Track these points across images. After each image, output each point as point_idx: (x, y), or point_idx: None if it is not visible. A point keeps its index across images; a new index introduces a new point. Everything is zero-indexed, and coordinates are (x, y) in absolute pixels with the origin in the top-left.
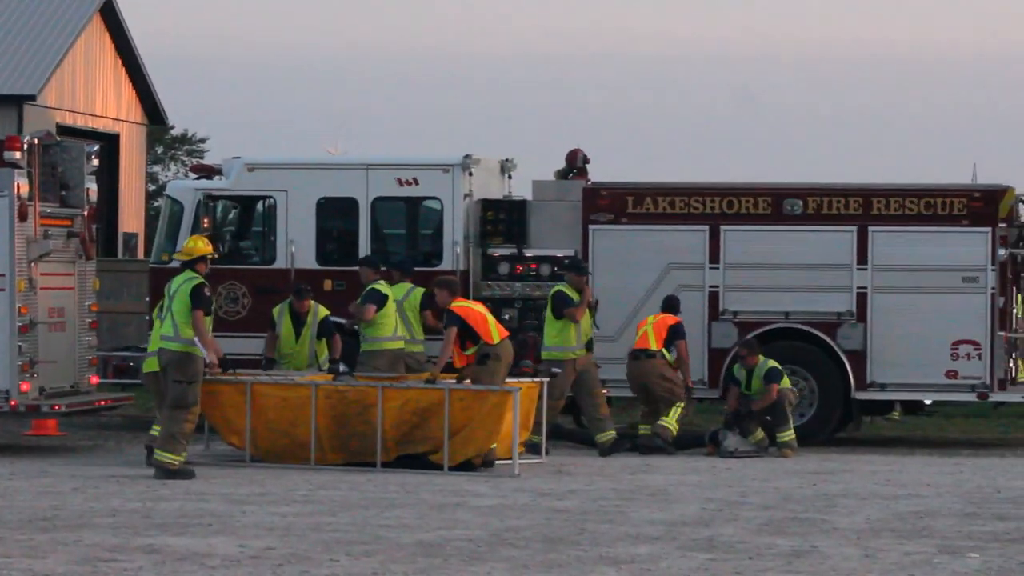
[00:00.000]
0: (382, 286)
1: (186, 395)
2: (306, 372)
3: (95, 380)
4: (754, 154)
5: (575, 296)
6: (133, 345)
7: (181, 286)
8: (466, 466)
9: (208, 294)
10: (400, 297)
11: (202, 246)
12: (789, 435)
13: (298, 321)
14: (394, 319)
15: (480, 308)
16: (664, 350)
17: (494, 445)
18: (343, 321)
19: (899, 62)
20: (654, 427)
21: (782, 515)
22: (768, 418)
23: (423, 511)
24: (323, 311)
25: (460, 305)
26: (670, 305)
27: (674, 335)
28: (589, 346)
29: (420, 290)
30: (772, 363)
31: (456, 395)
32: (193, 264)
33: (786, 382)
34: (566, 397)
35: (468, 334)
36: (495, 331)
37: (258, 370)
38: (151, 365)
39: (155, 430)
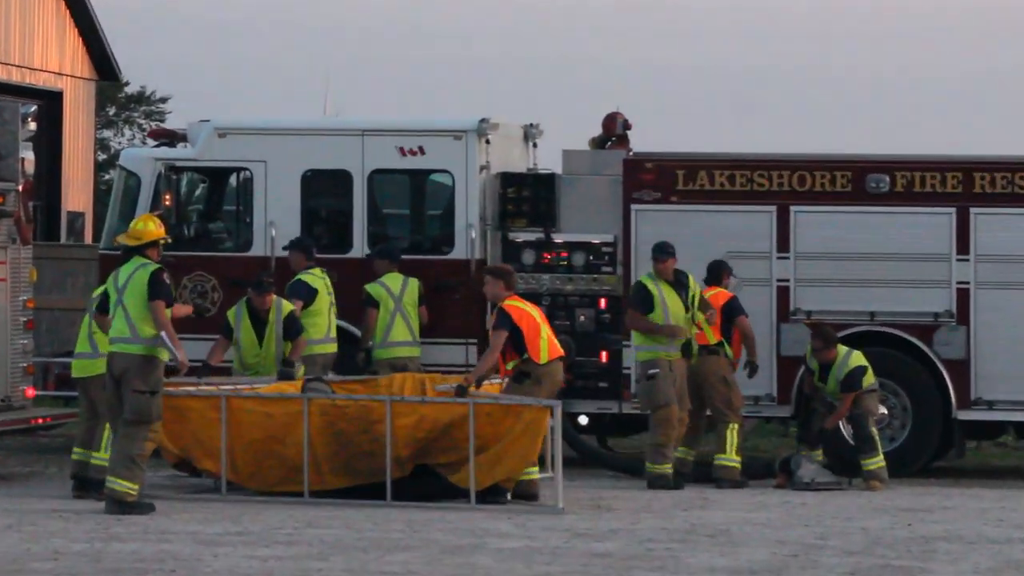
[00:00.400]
0: (313, 277)
1: (149, 408)
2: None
3: (31, 392)
4: (832, 120)
5: (656, 290)
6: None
7: (134, 275)
8: (495, 491)
9: (168, 281)
10: (398, 291)
11: (153, 228)
12: (877, 462)
13: (259, 321)
14: (327, 318)
15: (536, 313)
16: (725, 343)
17: (535, 473)
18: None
19: (1008, 10)
20: (716, 470)
21: (870, 562)
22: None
23: (433, 554)
24: (288, 306)
25: (514, 305)
26: (717, 273)
27: (731, 312)
28: (686, 349)
29: (415, 281)
30: (856, 360)
31: (483, 410)
32: (142, 250)
33: (869, 379)
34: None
35: (514, 342)
36: (545, 348)
37: (228, 378)
38: (87, 369)
39: (78, 453)
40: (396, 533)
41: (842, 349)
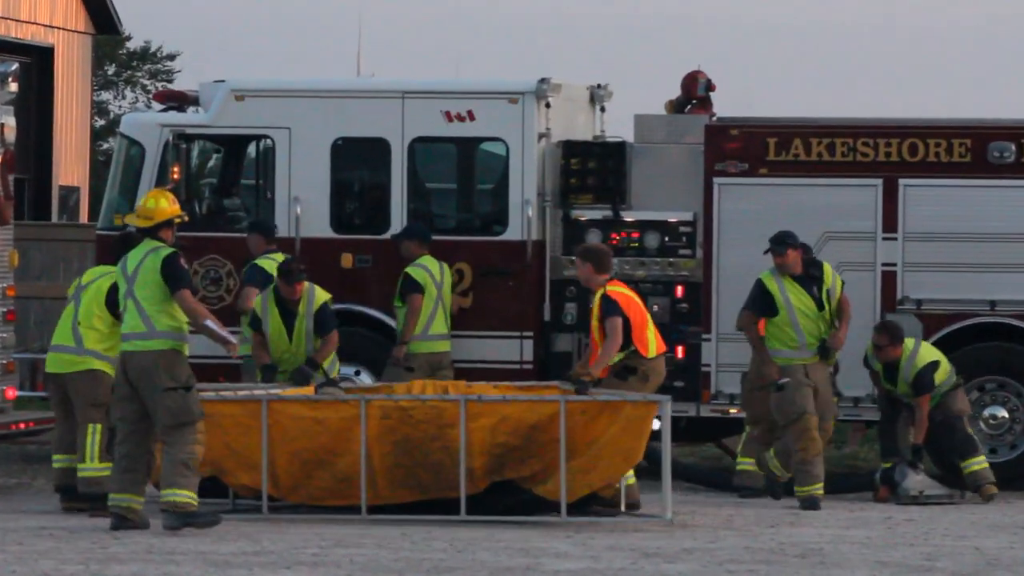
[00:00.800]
0: (269, 262)
1: (188, 405)
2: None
3: (12, 393)
4: (949, 81)
5: (777, 288)
6: None
7: (145, 261)
8: (589, 501)
9: (185, 265)
10: (439, 277)
11: (166, 206)
12: (980, 462)
13: (288, 313)
14: None
15: (640, 303)
16: None
17: (632, 480)
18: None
19: None
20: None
21: None
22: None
23: None
24: (321, 295)
25: (619, 292)
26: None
27: None
28: (823, 351)
29: (446, 266)
30: (925, 355)
31: (576, 408)
32: (155, 231)
33: (943, 372)
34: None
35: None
36: (653, 341)
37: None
38: (67, 365)
39: (59, 460)
40: (438, 553)
41: (908, 344)
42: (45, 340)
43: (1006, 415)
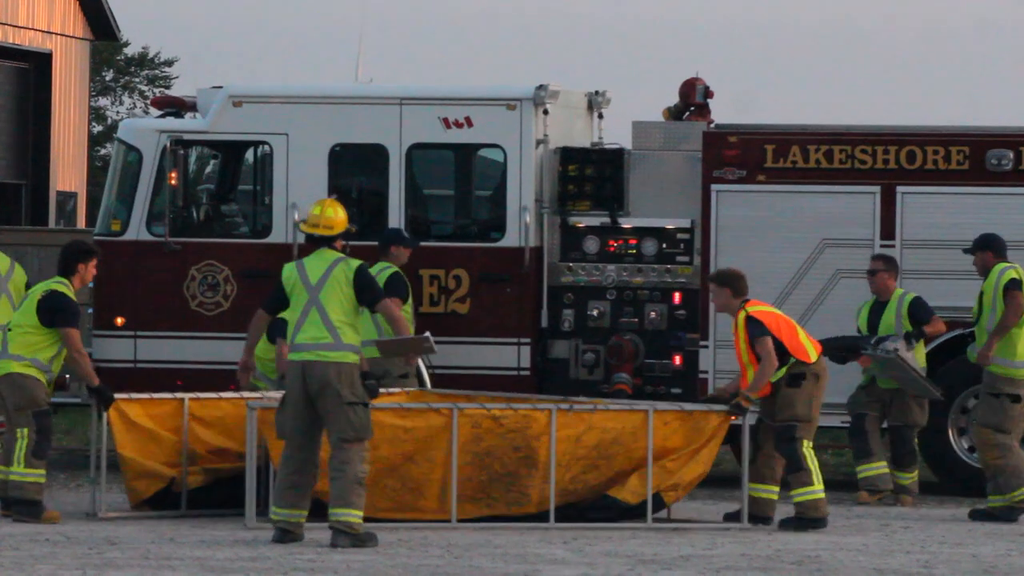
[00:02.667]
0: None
1: (368, 421)
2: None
3: None
4: (947, 89)
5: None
6: None
7: (333, 271)
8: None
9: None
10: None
11: (344, 215)
12: (912, 477)
13: None
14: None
15: (781, 313)
16: None
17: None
18: None
19: None
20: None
21: None
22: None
23: None
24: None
25: (762, 311)
26: None
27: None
28: None
29: None
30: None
31: (662, 418)
32: (331, 241)
33: (920, 354)
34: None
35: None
36: (809, 344)
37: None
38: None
39: (18, 474)
40: (434, 559)
41: (897, 292)
42: None
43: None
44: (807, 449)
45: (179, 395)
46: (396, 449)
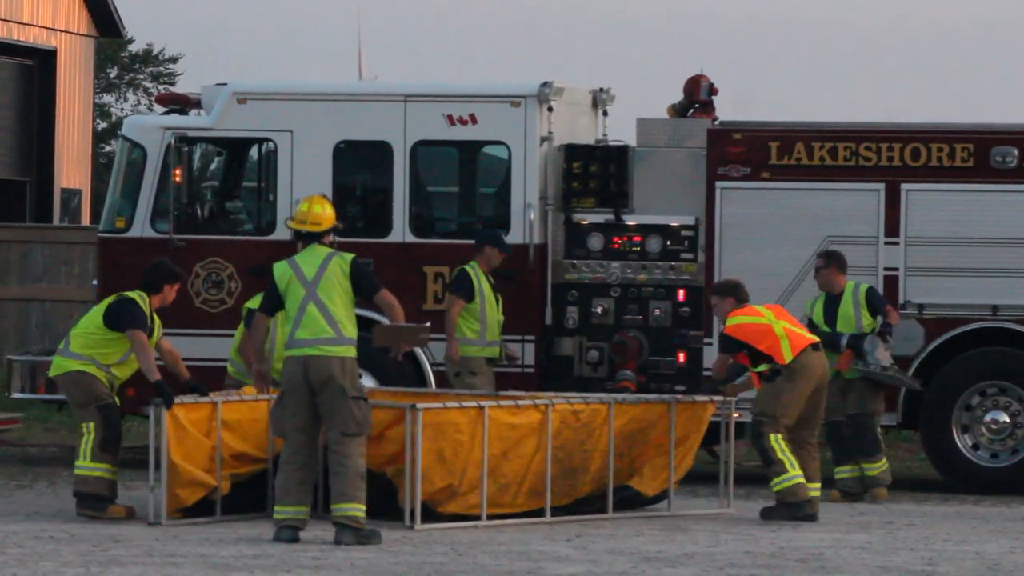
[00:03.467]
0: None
1: (367, 415)
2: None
3: None
4: (951, 85)
5: None
6: None
7: (328, 265)
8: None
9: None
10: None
11: (331, 211)
12: (882, 466)
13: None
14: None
15: (763, 316)
16: None
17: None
18: None
19: None
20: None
21: None
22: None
23: None
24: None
25: (736, 324)
26: None
27: None
28: None
29: None
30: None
31: (680, 408)
32: (319, 237)
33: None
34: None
35: (752, 356)
36: (787, 347)
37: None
38: (55, 368)
39: (84, 468)
40: (438, 556)
41: (848, 282)
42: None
43: (1007, 420)
44: (775, 441)
45: (213, 398)
46: (501, 445)
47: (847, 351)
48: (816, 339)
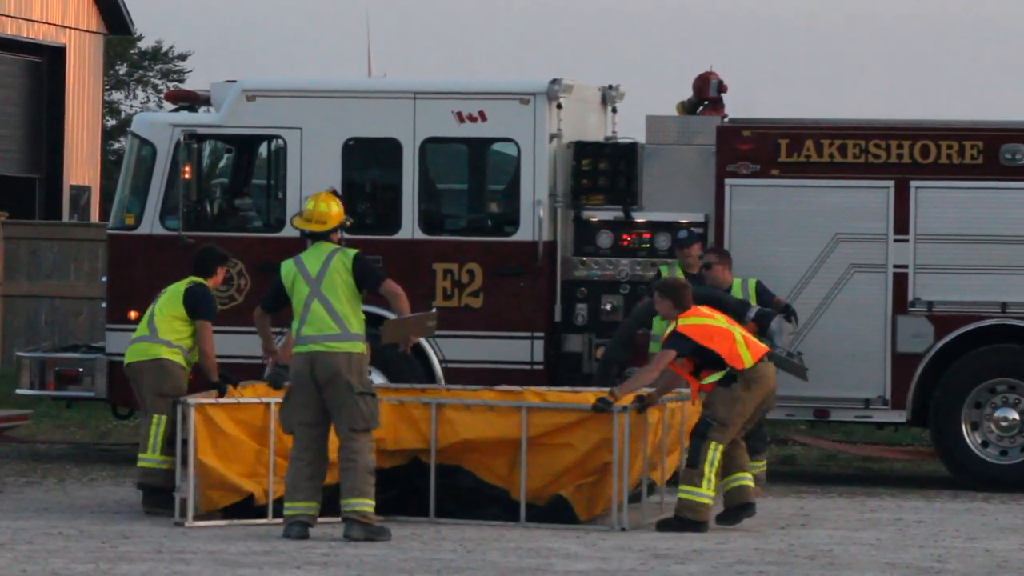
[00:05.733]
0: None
1: (376, 411)
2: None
3: None
4: (961, 83)
5: None
6: (84, 344)
7: (332, 262)
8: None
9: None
10: None
11: (338, 209)
12: (762, 466)
13: None
14: None
15: (722, 321)
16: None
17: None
18: None
19: None
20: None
21: None
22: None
23: None
24: None
25: (692, 324)
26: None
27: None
28: None
29: None
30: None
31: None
32: (325, 235)
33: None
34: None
35: (710, 361)
36: (746, 353)
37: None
38: (138, 354)
39: (147, 461)
40: (447, 553)
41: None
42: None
43: (1016, 417)
44: (712, 451)
45: (264, 399)
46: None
47: (751, 323)
48: (768, 348)
